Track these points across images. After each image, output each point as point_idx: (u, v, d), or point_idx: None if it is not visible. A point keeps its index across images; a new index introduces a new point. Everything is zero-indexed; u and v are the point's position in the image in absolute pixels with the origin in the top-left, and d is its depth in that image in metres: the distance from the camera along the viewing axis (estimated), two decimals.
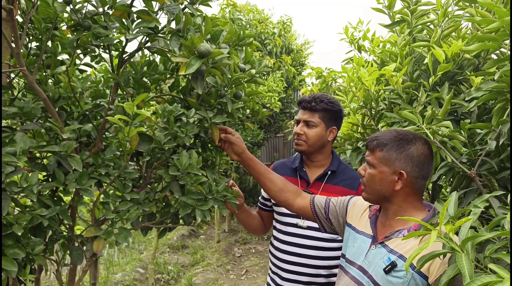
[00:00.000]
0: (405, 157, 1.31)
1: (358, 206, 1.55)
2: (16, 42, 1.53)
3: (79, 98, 1.73)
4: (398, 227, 1.33)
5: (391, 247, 1.30)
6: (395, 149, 1.32)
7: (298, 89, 8.30)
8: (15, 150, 1.34)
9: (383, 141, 1.34)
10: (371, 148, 1.37)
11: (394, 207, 1.35)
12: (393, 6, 2.21)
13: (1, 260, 1.36)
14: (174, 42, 1.43)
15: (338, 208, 1.60)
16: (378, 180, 1.34)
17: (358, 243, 1.44)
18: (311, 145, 1.88)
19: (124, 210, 1.60)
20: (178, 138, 1.65)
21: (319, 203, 1.64)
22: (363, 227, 1.46)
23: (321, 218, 1.63)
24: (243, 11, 7.01)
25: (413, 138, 1.34)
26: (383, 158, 1.33)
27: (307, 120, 1.87)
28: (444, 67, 1.70)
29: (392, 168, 1.31)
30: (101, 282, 4.84)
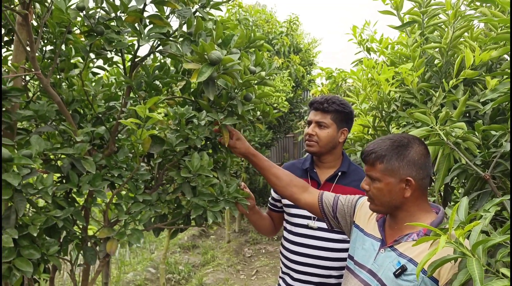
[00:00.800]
0: (408, 163, 1.30)
1: (366, 207, 1.54)
2: (31, 46, 1.56)
3: (92, 101, 1.76)
4: (407, 230, 1.33)
5: (400, 251, 1.29)
6: (396, 157, 1.30)
7: (307, 89, 8.28)
8: (31, 153, 1.37)
9: (381, 152, 1.32)
10: (371, 162, 1.34)
11: (404, 214, 1.35)
12: (401, 7, 2.20)
13: (0, 265, 1.39)
14: (186, 47, 1.44)
15: (346, 207, 1.59)
16: (386, 192, 1.32)
17: (367, 246, 1.43)
18: (323, 146, 1.88)
19: (136, 211, 1.62)
20: (190, 140, 1.67)
21: (327, 201, 1.64)
22: (371, 229, 1.45)
23: (329, 216, 1.63)
24: (249, 11, 7.01)
25: (409, 142, 1.33)
26: (385, 169, 1.31)
27: (319, 121, 1.87)
28: (469, 74, 1.70)
29: (398, 177, 1.30)
30: (113, 281, 4.89)
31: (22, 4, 1.48)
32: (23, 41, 1.60)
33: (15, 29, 1.60)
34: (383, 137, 1.39)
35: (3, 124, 1.62)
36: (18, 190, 1.37)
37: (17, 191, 1.37)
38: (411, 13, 2.09)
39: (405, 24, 2.16)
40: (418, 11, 2.07)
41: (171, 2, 1.39)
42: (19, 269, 1.39)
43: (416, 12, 2.08)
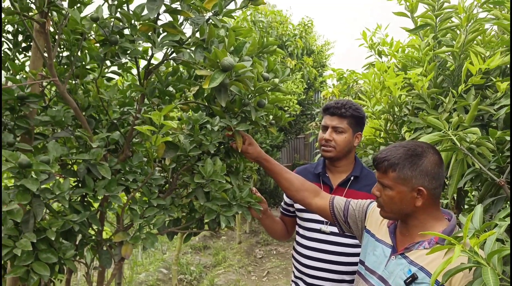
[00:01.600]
0: (420, 173, 1.29)
1: (378, 212, 1.54)
2: (48, 53, 1.59)
3: (107, 107, 1.79)
4: (419, 238, 1.32)
5: (411, 259, 1.29)
6: (409, 167, 1.29)
7: (319, 91, 8.26)
8: (48, 159, 1.40)
9: (394, 161, 1.31)
10: (383, 169, 1.34)
11: (416, 222, 1.34)
12: (416, 10, 2.19)
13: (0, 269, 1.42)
14: (199, 54, 1.46)
15: (357, 212, 1.59)
16: (398, 200, 1.32)
17: (378, 251, 1.43)
18: (340, 151, 1.89)
19: (151, 215, 1.65)
20: (203, 145, 1.69)
21: (338, 206, 1.64)
22: (383, 235, 1.45)
23: (340, 220, 1.63)
24: (264, 13, 7.03)
25: (423, 151, 1.31)
26: (398, 178, 1.30)
27: (336, 126, 1.88)
28: (476, 80, 1.69)
29: (410, 186, 1.29)
30: (125, 281, 4.94)
31: (40, 13, 1.52)
32: (40, 48, 1.64)
33: (33, 36, 1.64)
34: (397, 144, 1.38)
35: (21, 130, 1.66)
36: (36, 195, 1.40)
37: (35, 196, 1.41)
38: (424, 16, 2.08)
39: (418, 27, 2.15)
40: (431, 14, 2.06)
41: (184, 11, 1.41)
42: (36, 272, 1.42)
43: (430, 15, 2.07)
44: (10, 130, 1.64)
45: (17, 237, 1.40)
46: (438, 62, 2.06)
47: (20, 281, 1.49)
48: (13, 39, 2.02)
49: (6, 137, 1.52)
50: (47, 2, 1.51)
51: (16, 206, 1.34)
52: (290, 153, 10.04)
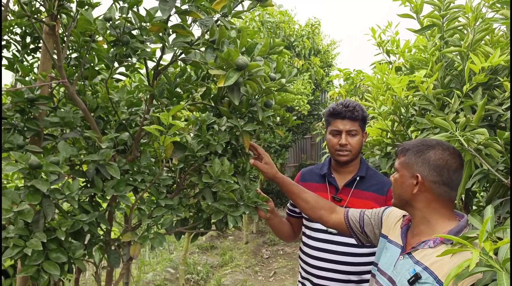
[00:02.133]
0: (422, 161, 1.32)
1: (393, 216, 1.54)
2: (58, 55, 1.61)
3: (116, 108, 1.80)
4: (425, 237, 1.32)
5: (417, 258, 1.29)
6: (414, 153, 1.35)
7: (326, 91, 8.25)
8: (58, 160, 1.41)
9: (406, 147, 1.38)
10: (397, 154, 1.42)
11: (418, 214, 1.34)
12: (421, 11, 2.18)
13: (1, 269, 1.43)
14: (209, 55, 1.47)
15: (373, 220, 1.60)
16: (399, 184, 1.38)
17: (389, 252, 1.44)
18: (355, 153, 1.90)
19: (158, 215, 1.66)
20: (211, 146, 1.70)
21: (353, 218, 1.65)
22: (395, 236, 1.45)
23: (357, 232, 1.64)
24: (271, 13, 7.04)
25: (435, 145, 1.34)
26: (403, 162, 1.37)
27: (350, 130, 1.88)
28: (480, 79, 1.68)
29: (411, 172, 1.34)
30: (133, 281, 4.97)
31: (50, 15, 1.54)
32: (50, 50, 1.66)
33: (42, 38, 1.66)
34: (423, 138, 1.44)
35: (31, 131, 1.68)
36: (46, 196, 1.42)
37: (45, 197, 1.43)
38: (430, 16, 2.07)
39: (424, 28, 2.15)
40: (437, 14, 2.05)
41: (194, 12, 1.42)
42: (46, 271, 1.44)
43: (436, 15, 2.06)
44: (20, 132, 1.66)
45: (27, 237, 1.42)
46: (445, 62, 2.06)
47: (30, 280, 1.51)
48: (21, 41, 2.05)
49: (16, 139, 1.54)
50: (57, 5, 1.53)
51: (27, 206, 1.36)
52: (297, 153, 10.03)
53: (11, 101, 1.67)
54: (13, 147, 1.54)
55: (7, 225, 1.46)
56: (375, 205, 1.85)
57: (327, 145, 1.99)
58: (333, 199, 1.92)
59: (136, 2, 1.47)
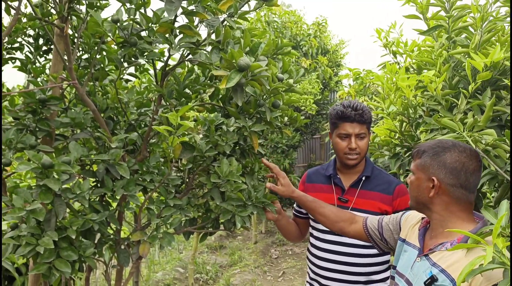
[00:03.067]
0: (438, 163, 1.30)
1: (411, 220, 1.53)
2: (68, 57, 1.64)
3: (125, 108, 1.83)
4: (442, 240, 1.31)
5: (434, 260, 1.28)
6: (431, 155, 1.33)
7: (335, 91, 8.22)
8: (70, 160, 1.44)
9: (422, 148, 1.36)
10: (413, 156, 1.40)
11: (436, 216, 1.33)
12: (427, 11, 2.16)
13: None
14: (215, 55, 1.49)
15: (391, 226, 1.60)
16: (415, 186, 1.36)
17: (406, 255, 1.43)
18: (363, 156, 1.91)
19: (167, 215, 1.68)
20: (219, 146, 1.72)
21: (372, 225, 1.65)
22: (413, 238, 1.45)
23: (376, 239, 1.64)
24: (278, 13, 7.04)
25: (451, 146, 1.32)
26: (420, 164, 1.35)
27: (359, 133, 1.86)
28: (483, 76, 1.66)
29: (427, 175, 1.32)
30: (143, 280, 5.01)
31: (60, 18, 1.56)
32: (60, 51, 1.69)
33: (53, 40, 1.69)
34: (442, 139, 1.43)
35: (43, 131, 1.72)
36: (58, 195, 1.45)
37: (57, 196, 1.45)
38: (436, 17, 2.06)
39: (431, 29, 2.13)
40: (443, 15, 2.04)
41: (200, 13, 1.44)
42: (58, 269, 1.47)
43: (441, 16, 2.05)
44: (32, 132, 1.69)
45: (39, 235, 1.45)
46: (453, 63, 2.05)
47: (42, 278, 1.54)
48: (34, 43, 2.09)
49: (28, 139, 1.57)
50: (67, 7, 1.56)
51: (39, 205, 1.39)
52: (306, 154, 10.01)
53: (23, 102, 1.70)
54: (25, 147, 1.57)
55: (19, 223, 1.49)
56: (381, 205, 1.85)
57: (334, 148, 1.95)
58: (339, 200, 1.92)
59: (143, 4, 1.49)
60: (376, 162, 4.19)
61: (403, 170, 2.33)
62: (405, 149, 2.31)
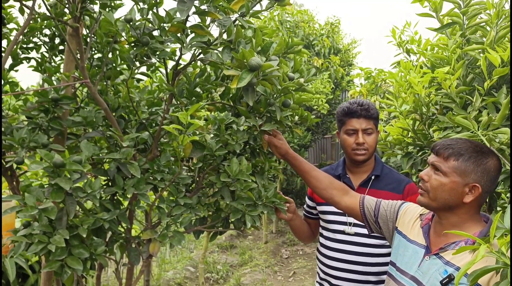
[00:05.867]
0: (483, 170, 1.26)
1: (410, 213, 1.52)
2: (81, 56, 1.65)
3: (137, 107, 1.84)
4: (455, 238, 1.29)
5: (447, 259, 1.27)
6: (473, 161, 1.27)
7: (346, 90, 8.18)
8: (81, 159, 1.45)
9: (459, 150, 1.29)
10: (445, 155, 1.31)
11: (453, 218, 1.31)
12: (440, 9, 2.13)
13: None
14: (226, 55, 1.49)
15: (388, 212, 1.57)
16: (448, 189, 1.29)
17: (410, 252, 1.41)
18: (372, 152, 1.89)
19: (177, 214, 1.68)
20: (229, 145, 1.71)
21: (369, 205, 1.62)
22: (415, 236, 1.43)
23: (370, 220, 1.61)
24: (291, 13, 7.03)
25: (489, 152, 1.30)
26: (458, 168, 1.28)
27: (366, 128, 1.87)
28: (500, 72, 1.63)
29: (466, 180, 1.27)
30: (154, 279, 5.04)
31: (74, 17, 1.58)
32: (73, 51, 1.71)
33: (66, 39, 1.71)
34: (461, 137, 1.38)
35: (55, 130, 1.73)
36: (69, 194, 1.46)
37: (68, 195, 1.47)
38: (450, 14, 2.03)
39: (444, 26, 2.10)
40: (458, 12, 2.01)
41: (212, 12, 1.43)
42: (70, 266, 1.48)
43: (456, 13, 2.02)
44: (45, 131, 1.71)
45: (51, 234, 1.46)
46: (467, 60, 2.02)
47: (54, 276, 1.55)
48: (50, 43, 2.11)
49: (41, 138, 1.59)
50: (80, 7, 1.57)
51: (51, 204, 1.40)
52: (317, 153, 9.98)
53: (36, 101, 1.72)
54: (37, 145, 1.59)
55: (32, 221, 1.50)
56: None
57: (342, 146, 1.95)
58: None
59: (156, 4, 1.50)
60: (388, 161, 4.16)
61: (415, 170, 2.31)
62: (417, 148, 2.29)
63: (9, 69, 2.03)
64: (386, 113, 4.88)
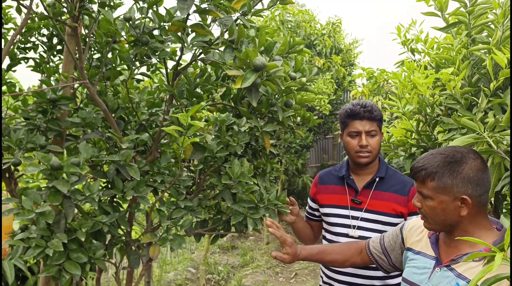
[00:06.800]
0: (462, 180, 1.21)
1: (415, 228, 1.47)
2: (79, 56, 1.62)
3: (136, 108, 1.81)
4: (466, 249, 1.25)
5: (459, 271, 1.22)
6: (448, 175, 1.22)
7: (348, 90, 8.14)
8: (79, 161, 1.42)
9: (431, 169, 1.24)
10: (421, 179, 1.27)
11: (460, 233, 1.27)
12: (446, 8, 2.10)
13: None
14: (228, 55, 1.45)
15: (393, 241, 1.53)
16: (440, 210, 1.25)
17: (418, 264, 1.37)
18: (375, 154, 1.85)
19: (178, 217, 1.65)
20: (230, 146, 1.68)
21: (375, 250, 1.58)
22: (423, 247, 1.39)
23: (383, 264, 1.57)
24: (292, 12, 7.00)
25: (462, 157, 1.24)
26: (438, 187, 1.23)
27: (369, 130, 1.81)
28: (506, 73, 1.60)
29: (452, 195, 1.22)
30: (155, 280, 5.01)
31: (72, 17, 1.55)
32: (72, 51, 1.68)
33: (64, 39, 1.68)
34: (434, 151, 1.31)
35: (53, 131, 1.70)
36: (67, 197, 1.43)
37: (66, 198, 1.44)
38: (456, 13, 2.00)
39: (450, 25, 2.07)
40: (463, 11, 1.98)
41: (213, 11, 1.40)
42: (68, 271, 1.45)
43: (462, 12, 1.99)
44: (43, 132, 1.68)
45: (49, 237, 1.43)
46: (472, 61, 1.98)
47: (52, 280, 1.52)
48: (48, 43, 2.08)
49: (38, 139, 1.56)
50: (78, 6, 1.54)
51: (48, 207, 1.38)
52: (319, 154, 9.94)
53: (34, 102, 1.69)
54: (35, 147, 1.56)
55: (30, 225, 1.48)
56: (396, 206, 1.80)
57: (345, 148, 1.90)
58: (352, 201, 1.87)
59: (155, 2, 1.47)
60: (390, 162, 4.12)
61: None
62: (421, 150, 2.25)
63: (7, 69, 2.01)
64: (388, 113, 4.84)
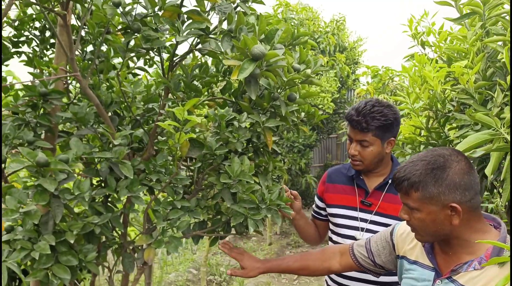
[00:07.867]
0: (447, 187, 1.12)
1: (406, 234, 1.38)
2: (70, 47, 1.53)
3: (131, 103, 1.71)
4: (465, 257, 1.16)
5: (461, 282, 1.14)
6: (433, 183, 1.13)
7: (352, 89, 8.04)
8: (67, 157, 1.33)
9: (414, 179, 1.15)
10: (404, 190, 1.18)
11: (455, 241, 1.18)
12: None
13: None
14: (226, 43, 1.35)
15: (381, 247, 1.45)
16: (430, 222, 1.16)
17: (416, 275, 1.28)
18: (368, 164, 1.71)
19: (175, 218, 1.56)
20: (230, 143, 1.58)
21: (360, 254, 1.49)
22: (418, 256, 1.30)
23: (369, 267, 1.49)
24: (295, 10, 6.91)
25: (445, 161, 1.14)
26: (423, 197, 1.14)
27: (360, 140, 1.68)
28: None
29: (440, 204, 1.13)
30: (155, 281, 4.93)
31: (61, 4, 1.45)
32: (63, 42, 1.58)
33: (55, 31, 1.59)
34: (414, 157, 1.20)
35: (43, 127, 1.61)
36: (55, 196, 1.34)
37: (55, 197, 1.34)
38: (470, 4, 1.90)
39: (463, 16, 1.97)
40: (478, 1, 1.88)
41: None
42: (56, 275, 1.36)
43: (476, 3, 1.88)
44: (32, 128, 1.59)
45: (36, 239, 1.34)
46: (487, 53, 1.88)
47: (40, 285, 1.43)
48: (40, 36, 1.99)
49: (26, 135, 1.47)
50: None
51: (34, 207, 1.28)
52: (322, 153, 9.84)
53: (23, 96, 1.60)
54: (23, 143, 1.47)
55: (16, 226, 1.38)
56: None
57: None
58: (362, 203, 1.77)
59: None
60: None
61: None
62: (430, 148, 2.15)
63: None
64: None
